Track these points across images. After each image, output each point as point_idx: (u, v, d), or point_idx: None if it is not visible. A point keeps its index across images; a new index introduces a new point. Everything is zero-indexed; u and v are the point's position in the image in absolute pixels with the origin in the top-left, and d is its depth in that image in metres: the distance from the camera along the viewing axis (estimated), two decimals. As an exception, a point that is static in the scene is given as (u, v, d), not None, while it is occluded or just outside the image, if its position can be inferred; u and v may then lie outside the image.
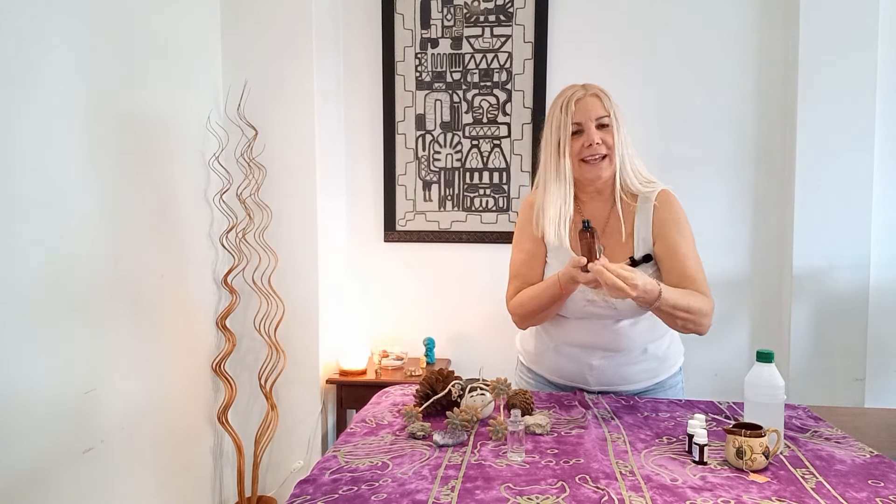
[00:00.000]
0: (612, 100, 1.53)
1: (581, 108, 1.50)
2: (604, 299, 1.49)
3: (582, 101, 1.50)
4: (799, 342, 2.55)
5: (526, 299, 1.56)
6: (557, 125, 1.52)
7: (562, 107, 1.51)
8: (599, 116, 1.49)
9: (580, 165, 1.51)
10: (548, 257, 1.60)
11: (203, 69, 2.39)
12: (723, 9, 2.61)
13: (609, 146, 1.50)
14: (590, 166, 1.50)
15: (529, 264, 1.60)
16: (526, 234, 1.62)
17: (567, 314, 1.59)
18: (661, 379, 1.66)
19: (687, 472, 1.15)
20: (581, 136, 1.50)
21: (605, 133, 1.50)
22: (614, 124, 1.50)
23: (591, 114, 1.49)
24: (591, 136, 1.48)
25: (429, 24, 2.74)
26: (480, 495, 1.06)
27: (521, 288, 1.59)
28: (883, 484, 1.11)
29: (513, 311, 1.61)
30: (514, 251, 1.65)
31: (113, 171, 1.89)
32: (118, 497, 1.92)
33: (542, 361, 1.69)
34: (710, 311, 1.49)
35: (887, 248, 2.55)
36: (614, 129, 1.50)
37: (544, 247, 1.60)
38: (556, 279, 1.45)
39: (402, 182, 2.81)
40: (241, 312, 2.46)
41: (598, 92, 1.52)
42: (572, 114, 1.50)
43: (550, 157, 1.54)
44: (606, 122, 1.50)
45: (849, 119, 2.48)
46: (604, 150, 1.49)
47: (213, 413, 2.41)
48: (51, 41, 1.66)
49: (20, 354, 1.58)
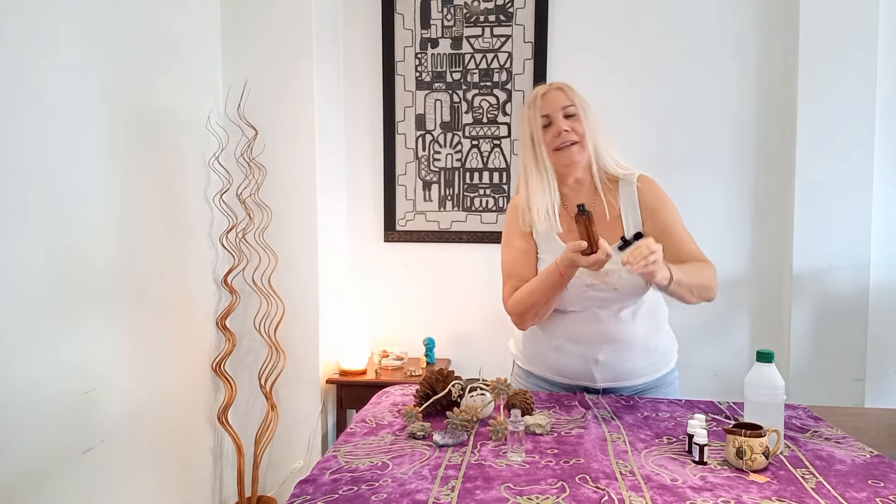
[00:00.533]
0: (578, 92, 1.60)
1: (547, 101, 1.58)
2: (603, 281, 1.53)
3: (547, 95, 1.59)
4: (799, 342, 2.55)
5: (525, 294, 1.56)
6: (528, 121, 1.60)
7: (529, 104, 1.60)
8: (565, 106, 1.57)
9: (554, 154, 1.58)
10: (539, 253, 1.62)
11: (203, 69, 2.39)
12: (723, 9, 2.61)
13: (579, 133, 1.56)
14: (562, 153, 1.57)
15: (522, 262, 1.62)
16: (515, 234, 1.65)
17: (566, 306, 1.59)
18: (662, 374, 1.68)
19: (687, 472, 1.15)
20: (551, 128, 1.57)
21: (573, 122, 1.57)
22: (581, 113, 1.57)
23: (557, 104, 1.57)
24: (559, 124, 1.56)
25: (429, 24, 2.74)
26: (480, 495, 1.06)
27: (516, 287, 1.59)
28: (883, 484, 1.11)
29: (512, 311, 1.61)
30: (505, 252, 1.68)
31: (113, 171, 1.89)
32: (118, 497, 1.92)
33: (542, 362, 1.69)
34: (715, 274, 1.55)
35: (887, 248, 2.55)
36: (582, 117, 1.57)
37: (534, 243, 1.63)
38: (555, 267, 1.47)
39: (402, 182, 2.81)
40: (241, 312, 2.46)
41: (561, 85, 1.61)
42: (539, 107, 1.58)
43: (528, 153, 1.61)
44: (573, 112, 1.57)
45: (849, 119, 2.48)
46: (574, 137, 1.56)
47: (213, 413, 2.41)
48: (51, 41, 1.66)
49: (20, 354, 1.58)
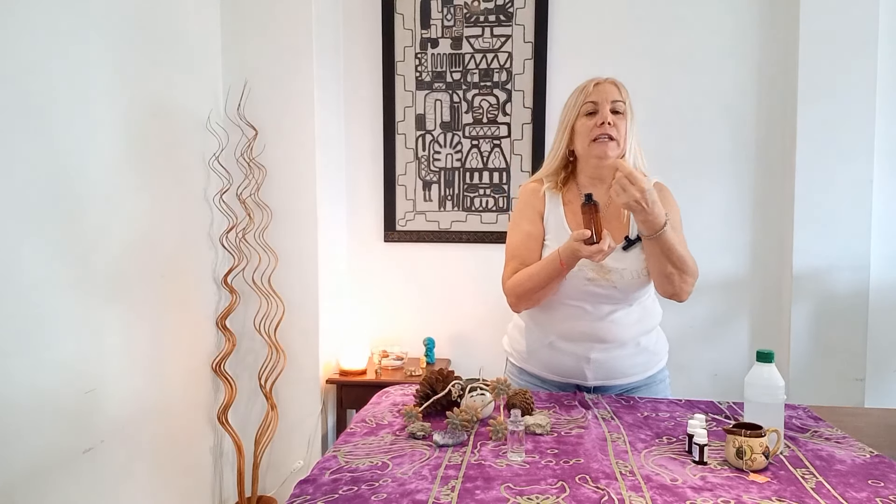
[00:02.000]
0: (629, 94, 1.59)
1: (599, 90, 1.56)
2: (605, 277, 1.53)
3: (601, 85, 1.57)
4: (799, 342, 2.55)
5: (525, 278, 1.56)
6: (571, 105, 1.59)
7: (580, 89, 1.59)
8: (615, 100, 1.55)
9: (589, 145, 1.55)
10: (546, 239, 1.62)
11: (203, 69, 2.38)
12: (723, 9, 2.61)
13: (620, 132, 1.55)
14: (598, 144, 1.54)
15: (528, 245, 1.61)
16: (526, 216, 1.64)
17: (564, 298, 1.59)
18: (652, 372, 1.69)
19: (687, 472, 1.15)
20: (595, 116, 1.54)
21: (618, 119, 1.54)
22: (628, 113, 1.56)
23: (608, 96, 1.55)
24: (606, 115, 1.53)
25: (429, 24, 2.74)
26: (480, 495, 1.06)
27: (518, 269, 1.59)
28: (883, 484, 1.11)
29: (509, 292, 1.61)
30: (512, 233, 1.67)
31: (113, 171, 1.89)
32: (118, 497, 1.92)
33: (536, 359, 1.69)
34: (695, 275, 1.54)
35: (887, 248, 2.55)
36: (627, 118, 1.56)
37: (543, 229, 1.62)
38: (557, 255, 1.47)
39: (402, 182, 2.81)
40: (241, 312, 2.46)
41: (616, 81, 1.59)
42: (588, 94, 1.56)
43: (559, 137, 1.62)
44: (621, 110, 1.55)
45: (849, 119, 2.48)
46: (614, 133, 1.53)
47: (213, 413, 2.41)
48: (51, 42, 1.66)
49: (20, 354, 1.58)
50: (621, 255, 1.54)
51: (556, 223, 1.61)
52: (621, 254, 1.54)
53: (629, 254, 1.54)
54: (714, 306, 2.70)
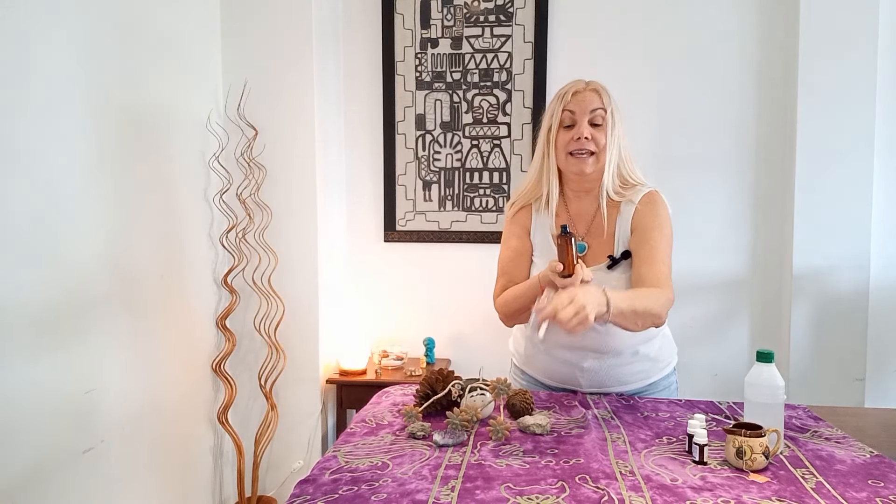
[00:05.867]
0: (613, 99, 1.53)
1: (578, 99, 1.51)
2: None
3: (580, 94, 1.51)
4: (799, 342, 2.55)
5: (510, 298, 1.56)
6: (551, 114, 1.55)
7: (559, 96, 1.54)
8: (594, 109, 1.49)
9: (566, 158, 1.52)
10: (534, 256, 1.61)
11: (203, 69, 2.38)
12: (723, 9, 2.61)
13: (599, 145, 1.49)
14: (575, 160, 1.51)
15: (516, 262, 1.61)
16: (514, 232, 1.63)
17: None
18: (654, 380, 1.65)
19: (687, 472, 1.15)
20: (572, 129, 1.50)
21: (597, 131, 1.49)
22: (609, 122, 1.50)
23: (586, 106, 1.50)
24: (582, 129, 1.48)
25: (429, 24, 2.74)
26: (480, 495, 1.06)
27: (506, 286, 1.60)
28: (883, 484, 1.11)
29: (498, 310, 1.62)
30: (502, 248, 1.67)
31: (113, 171, 1.89)
32: (118, 497, 1.92)
33: (534, 363, 1.69)
34: (668, 303, 1.43)
35: (887, 248, 2.55)
36: (608, 128, 1.50)
37: (531, 245, 1.61)
38: (538, 280, 1.46)
39: (402, 182, 2.81)
40: (241, 312, 2.46)
41: (598, 87, 1.53)
42: (566, 103, 1.51)
43: (540, 147, 1.58)
44: (600, 122, 1.50)
45: (849, 119, 2.48)
46: (592, 147, 1.49)
47: (213, 413, 2.41)
48: (50, 41, 1.66)
49: (20, 354, 1.58)
50: (606, 274, 1.51)
51: (542, 240, 1.60)
52: (606, 273, 1.51)
53: (613, 273, 1.52)
54: (714, 306, 2.70)
